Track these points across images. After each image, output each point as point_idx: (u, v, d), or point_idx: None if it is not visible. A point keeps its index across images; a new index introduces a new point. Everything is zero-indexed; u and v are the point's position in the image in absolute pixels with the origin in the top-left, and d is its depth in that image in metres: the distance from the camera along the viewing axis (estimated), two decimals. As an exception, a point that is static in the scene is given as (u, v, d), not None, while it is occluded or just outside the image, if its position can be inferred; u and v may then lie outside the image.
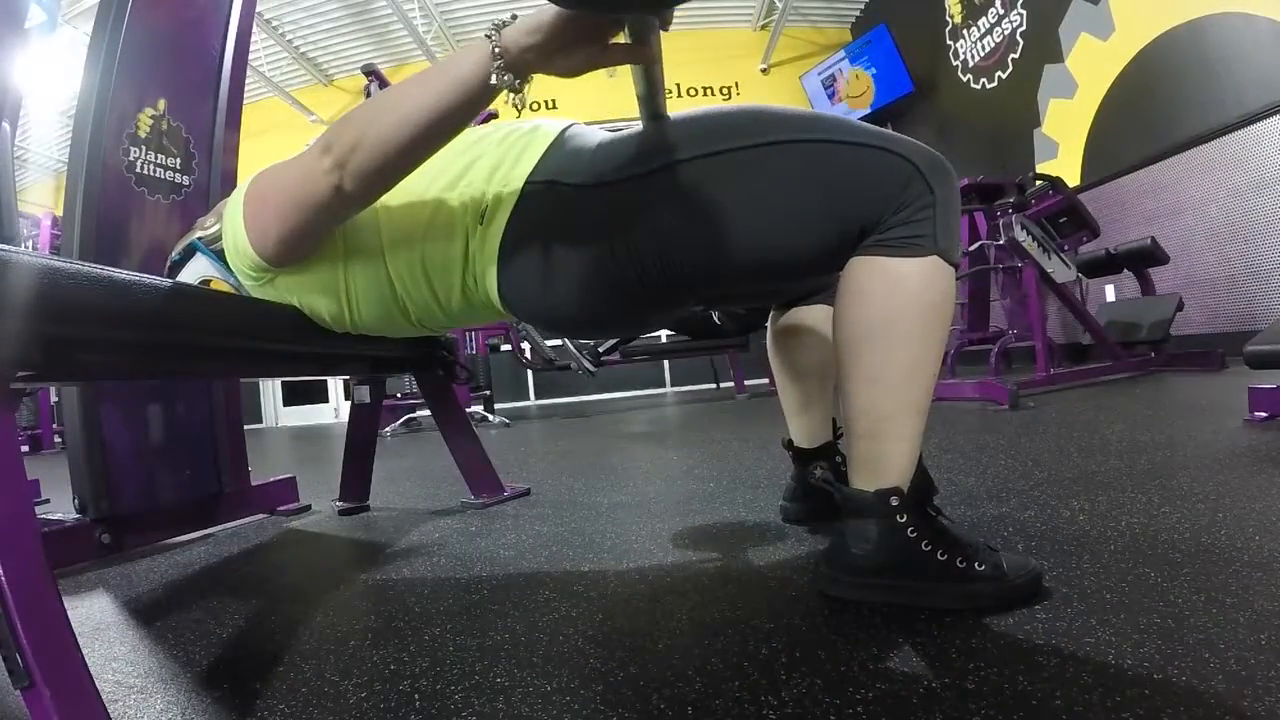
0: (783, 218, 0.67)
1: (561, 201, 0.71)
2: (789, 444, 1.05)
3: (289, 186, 0.69)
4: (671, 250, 0.69)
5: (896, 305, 0.65)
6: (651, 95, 0.70)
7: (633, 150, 0.71)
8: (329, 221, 0.72)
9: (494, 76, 0.58)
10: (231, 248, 0.76)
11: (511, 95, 0.61)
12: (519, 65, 0.58)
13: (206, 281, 0.84)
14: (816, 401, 1.01)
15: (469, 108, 0.61)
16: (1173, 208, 3.35)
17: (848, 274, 0.67)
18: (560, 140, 0.77)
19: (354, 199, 0.67)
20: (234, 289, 0.82)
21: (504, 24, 0.59)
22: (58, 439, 4.94)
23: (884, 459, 0.68)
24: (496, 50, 0.58)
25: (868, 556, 0.67)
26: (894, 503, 0.67)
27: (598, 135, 0.78)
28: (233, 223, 0.75)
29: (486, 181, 0.74)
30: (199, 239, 0.84)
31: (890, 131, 0.69)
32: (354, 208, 0.71)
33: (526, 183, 0.73)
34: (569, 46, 0.58)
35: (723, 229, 0.68)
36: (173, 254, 0.87)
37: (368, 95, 3.44)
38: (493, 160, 0.76)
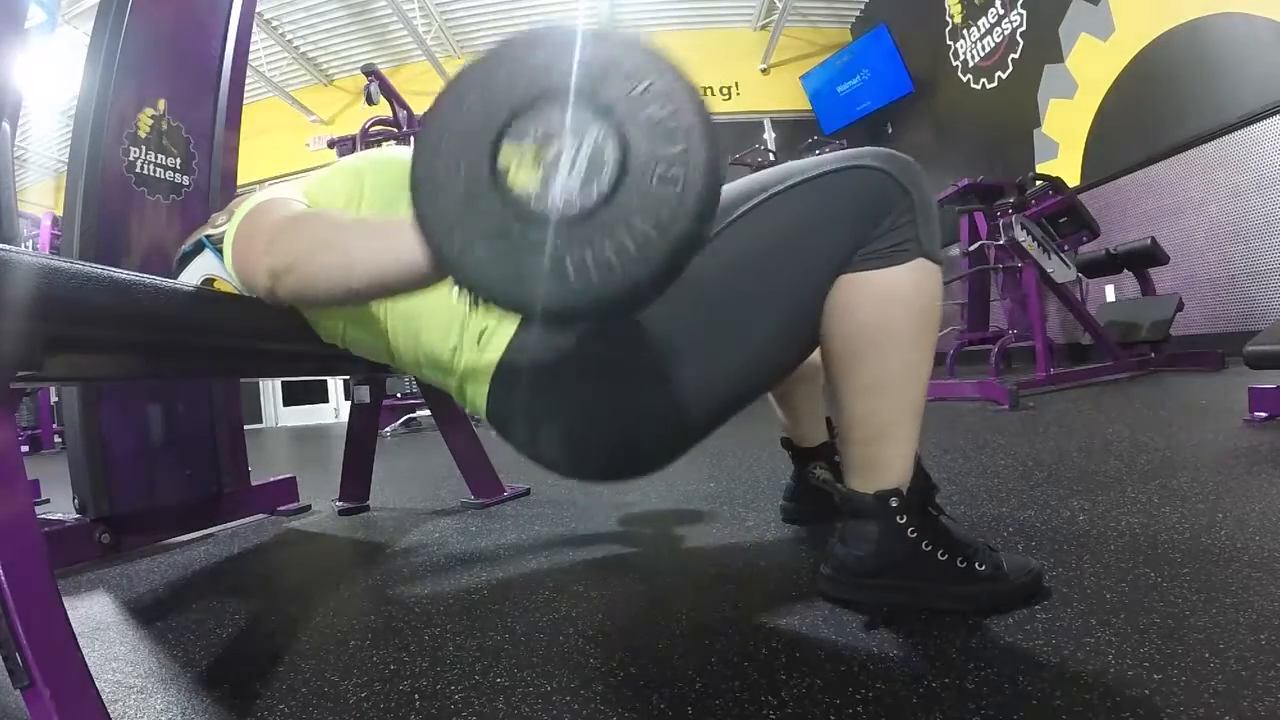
0: (780, 285, 0.66)
1: (562, 341, 0.68)
2: (787, 442, 1.05)
3: (247, 253, 0.68)
4: (682, 380, 0.66)
5: (889, 314, 0.65)
6: None
7: None
8: (273, 304, 0.71)
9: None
10: (227, 262, 0.76)
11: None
12: None
13: (210, 280, 0.84)
14: (810, 400, 1.01)
15: (409, 289, 0.56)
16: (1173, 208, 3.35)
17: (836, 291, 0.65)
18: None
19: (290, 301, 0.66)
20: (236, 289, 0.82)
21: None
22: (58, 439, 4.94)
23: (882, 462, 0.68)
24: None
25: (868, 558, 0.67)
26: (894, 504, 0.66)
27: None
28: (227, 241, 0.75)
29: None
30: (208, 236, 0.84)
31: (849, 150, 0.68)
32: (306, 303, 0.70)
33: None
34: None
35: (729, 335, 0.65)
36: (184, 246, 0.87)
37: (368, 96, 3.43)
38: None
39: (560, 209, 0.38)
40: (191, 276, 0.85)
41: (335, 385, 6.60)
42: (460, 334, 0.71)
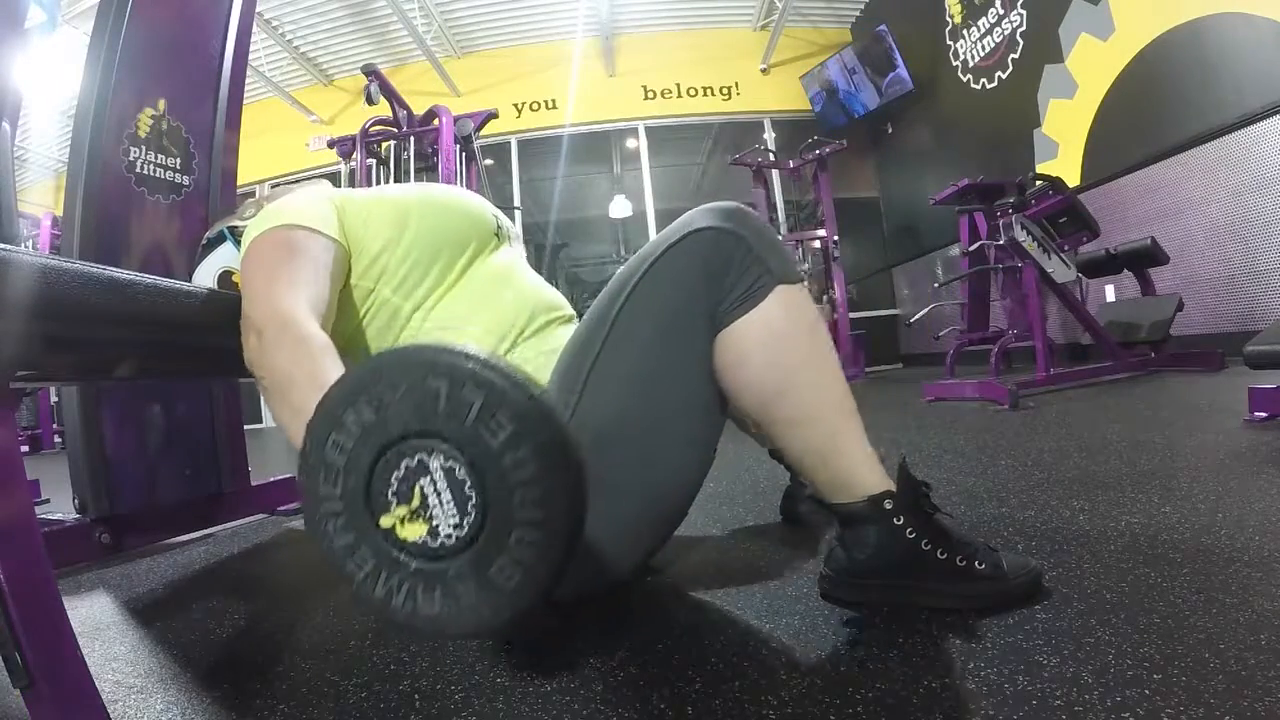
0: (671, 375, 0.66)
1: None
2: (774, 453, 1.04)
3: (244, 301, 0.69)
4: (626, 518, 0.67)
5: (777, 351, 0.66)
6: None
7: None
8: None
9: None
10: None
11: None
12: None
13: (229, 273, 0.84)
14: None
15: None
16: (1173, 208, 3.35)
17: (720, 350, 0.66)
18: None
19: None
20: None
21: None
22: (58, 439, 4.94)
23: (849, 475, 0.68)
24: None
25: (868, 559, 0.67)
26: (888, 506, 0.66)
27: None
28: (243, 246, 0.74)
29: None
30: (231, 227, 0.84)
31: (677, 221, 0.68)
32: None
33: None
34: None
35: (651, 442, 0.66)
36: (208, 233, 0.87)
37: (368, 96, 3.43)
38: (526, 356, 0.75)
39: (450, 545, 0.40)
40: (211, 267, 0.85)
41: (335, 385, 6.59)
42: None
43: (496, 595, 0.39)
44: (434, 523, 0.40)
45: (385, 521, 0.41)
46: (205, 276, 0.86)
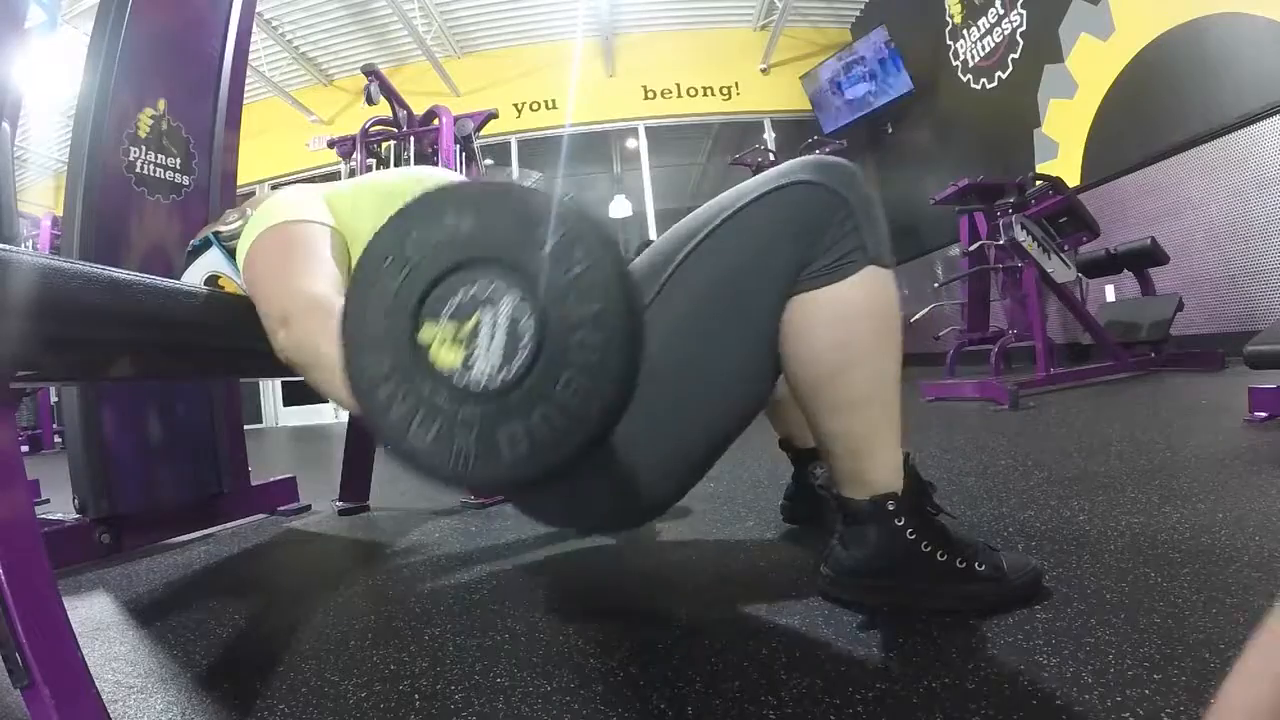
0: (737, 320, 0.64)
1: None
2: (785, 443, 1.05)
3: (260, 300, 0.68)
4: (659, 451, 0.66)
5: (846, 332, 0.63)
6: None
7: None
8: None
9: None
10: (239, 267, 0.76)
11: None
12: None
13: (215, 277, 0.84)
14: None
15: None
16: (1173, 208, 3.35)
17: (789, 315, 0.64)
18: None
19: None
20: (240, 288, 0.82)
21: None
22: (58, 439, 4.94)
23: (869, 471, 0.67)
24: None
25: (868, 559, 0.67)
26: (891, 507, 0.66)
27: None
28: (241, 250, 0.74)
29: None
30: (217, 233, 0.84)
31: (779, 167, 0.66)
32: None
33: None
34: None
35: (696, 384, 0.65)
36: (193, 240, 0.87)
37: (368, 96, 3.43)
38: None
39: (484, 385, 0.38)
40: (197, 273, 0.85)
41: (335, 385, 6.58)
42: None
43: (491, 456, 0.38)
44: (473, 359, 0.38)
45: (427, 334, 0.39)
46: (192, 281, 0.87)
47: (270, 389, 6.76)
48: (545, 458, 0.37)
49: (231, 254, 0.80)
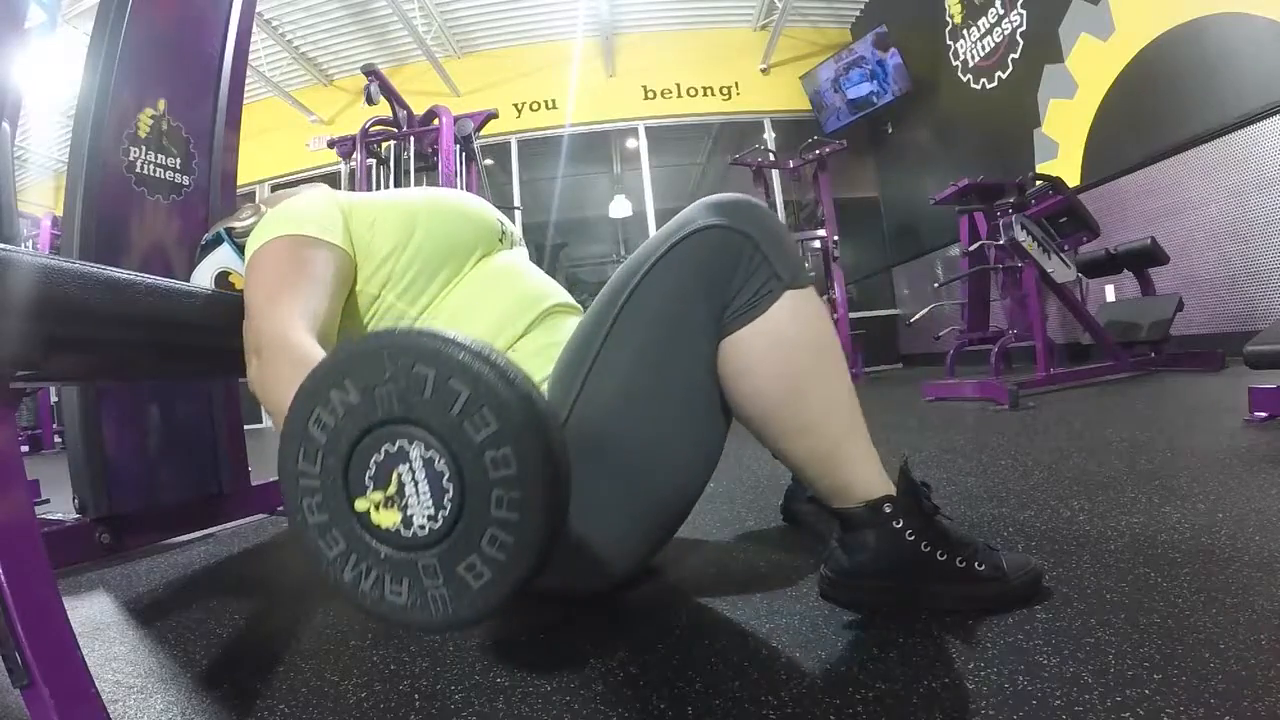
0: (673, 384, 0.64)
1: None
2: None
3: (246, 315, 0.68)
4: (624, 523, 0.66)
5: (783, 360, 0.63)
6: None
7: None
8: None
9: None
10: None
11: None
12: None
13: (225, 274, 0.84)
14: None
15: None
16: (1173, 208, 3.35)
17: (724, 358, 0.64)
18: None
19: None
20: None
21: None
22: (58, 439, 4.94)
23: (851, 482, 0.67)
24: None
25: (867, 561, 0.67)
26: (888, 510, 0.66)
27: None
28: (247, 253, 0.74)
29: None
30: (229, 229, 0.84)
31: (680, 215, 0.66)
32: None
33: None
34: None
35: (649, 449, 0.65)
36: (206, 235, 0.87)
37: (368, 96, 3.43)
38: (529, 350, 0.75)
39: (428, 530, 0.39)
40: (208, 268, 0.85)
41: (335, 385, 6.58)
42: None
43: (464, 592, 0.39)
44: (408, 512, 0.39)
45: (360, 505, 0.40)
46: (203, 278, 0.86)
47: (270, 389, 6.74)
48: (510, 574, 0.39)
49: (243, 250, 0.80)
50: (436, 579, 0.39)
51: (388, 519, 0.40)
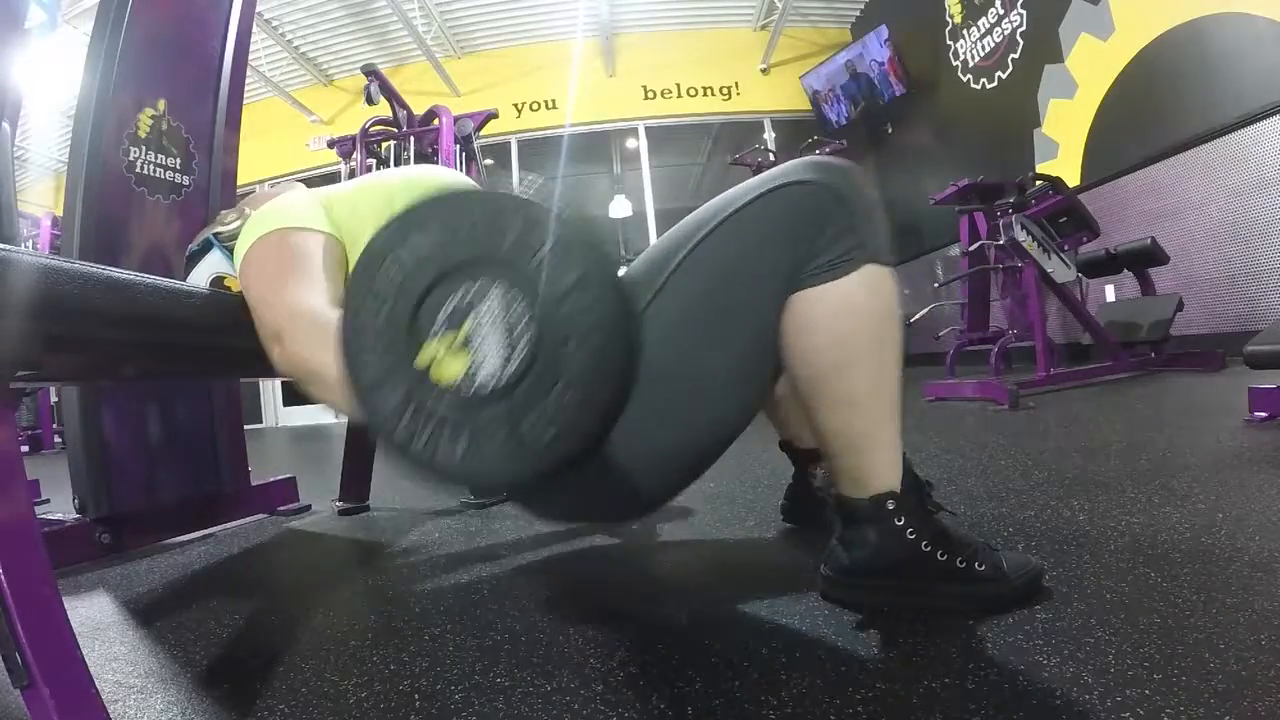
0: (734, 325, 0.65)
1: None
2: (786, 445, 1.05)
3: (253, 310, 0.68)
4: (659, 452, 0.66)
5: (848, 328, 0.64)
6: None
7: None
8: None
9: None
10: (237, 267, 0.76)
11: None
12: None
13: (220, 278, 0.84)
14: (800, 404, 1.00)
15: None
16: (1173, 208, 3.35)
17: (790, 312, 0.64)
18: None
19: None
20: None
21: None
22: (58, 439, 4.94)
23: (868, 469, 0.67)
24: None
25: (868, 560, 0.67)
26: (890, 506, 0.66)
27: None
28: (237, 254, 0.74)
29: None
30: (216, 234, 0.84)
31: (777, 168, 0.66)
32: None
33: None
34: None
35: (694, 385, 0.65)
36: (191, 245, 0.87)
37: (368, 96, 3.43)
38: None
39: (493, 386, 0.38)
40: (201, 274, 0.85)
41: (335, 385, 6.58)
42: None
43: (523, 450, 0.38)
44: (476, 361, 0.38)
45: (424, 356, 0.39)
46: (197, 284, 0.87)
47: (270, 389, 6.76)
48: (574, 429, 0.38)
49: (233, 253, 0.80)
50: (498, 434, 0.38)
51: (453, 370, 0.38)
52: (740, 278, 0.64)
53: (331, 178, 5.94)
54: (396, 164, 3.75)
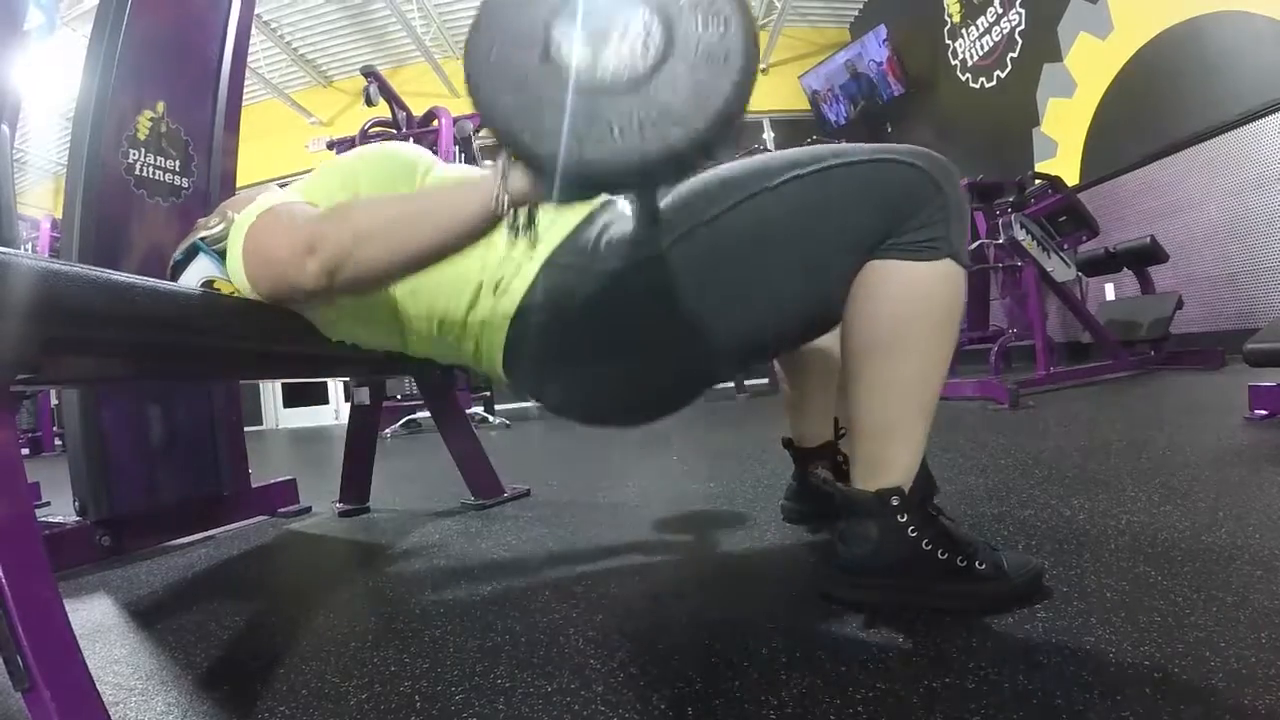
0: (800, 259, 0.66)
1: (582, 283, 0.69)
2: (789, 443, 1.05)
3: (275, 262, 0.67)
4: (694, 332, 0.68)
5: (911, 311, 0.65)
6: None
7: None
8: (320, 302, 0.74)
9: (505, 221, 0.58)
10: (232, 268, 0.76)
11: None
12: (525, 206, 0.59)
13: (210, 282, 0.84)
14: (817, 399, 1.01)
15: (469, 244, 0.60)
16: (1172, 206, 3.35)
17: (862, 278, 0.66)
18: (590, 217, 0.74)
19: (342, 296, 0.67)
20: (236, 290, 0.82)
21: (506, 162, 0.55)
22: (58, 441, 4.94)
23: (889, 460, 0.67)
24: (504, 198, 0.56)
25: (868, 557, 0.67)
26: (895, 503, 0.66)
27: (624, 216, 0.75)
28: (234, 249, 0.74)
29: (510, 246, 0.73)
30: (202, 239, 0.84)
31: (886, 144, 0.68)
32: (346, 298, 0.71)
33: (549, 259, 0.71)
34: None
35: (744, 295, 0.67)
36: (175, 254, 0.87)
37: (367, 97, 3.44)
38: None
39: (611, 79, 0.42)
40: (191, 279, 0.85)
41: (335, 387, 6.60)
42: (475, 293, 0.74)
43: (648, 145, 0.41)
44: (606, 51, 0.42)
45: (559, 49, 0.43)
46: None
47: (270, 390, 6.77)
48: (653, 150, 0.41)
49: (220, 256, 0.80)
50: (596, 122, 0.41)
51: (577, 56, 0.42)
52: (831, 218, 0.65)
53: (331, 179, 5.93)
54: (396, 165, 3.75)
